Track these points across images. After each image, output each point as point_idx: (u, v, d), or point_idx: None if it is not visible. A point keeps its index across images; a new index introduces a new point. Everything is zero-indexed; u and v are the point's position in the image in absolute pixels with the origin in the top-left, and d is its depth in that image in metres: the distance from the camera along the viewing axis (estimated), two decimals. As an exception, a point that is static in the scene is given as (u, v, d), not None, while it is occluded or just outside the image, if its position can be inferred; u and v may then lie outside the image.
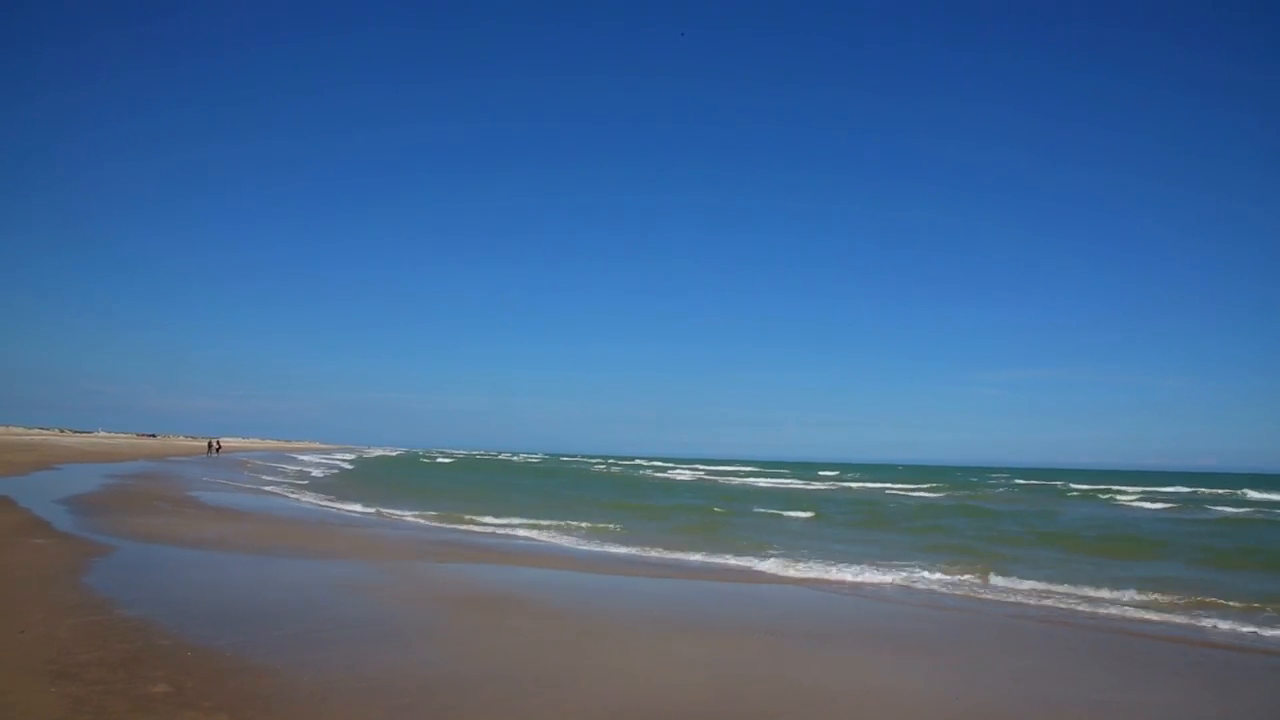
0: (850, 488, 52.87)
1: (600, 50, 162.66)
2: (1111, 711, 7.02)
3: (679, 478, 68.89)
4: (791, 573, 14.37)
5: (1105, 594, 12.74)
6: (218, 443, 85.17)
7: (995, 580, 13.93)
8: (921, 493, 49.78)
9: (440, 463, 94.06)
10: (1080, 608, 11.83)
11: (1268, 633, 10.33)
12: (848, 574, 14.16)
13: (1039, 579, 14.08)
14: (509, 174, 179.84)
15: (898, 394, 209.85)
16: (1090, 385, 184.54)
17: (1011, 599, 12.47)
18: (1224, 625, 10.73)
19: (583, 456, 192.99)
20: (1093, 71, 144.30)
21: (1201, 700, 7.58)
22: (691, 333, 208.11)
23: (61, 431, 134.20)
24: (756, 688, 7.18)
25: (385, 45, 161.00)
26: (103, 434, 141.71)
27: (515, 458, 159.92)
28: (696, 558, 16.22)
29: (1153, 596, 12.55)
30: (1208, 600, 12.43)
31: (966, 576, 14.23)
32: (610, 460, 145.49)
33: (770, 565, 15.10)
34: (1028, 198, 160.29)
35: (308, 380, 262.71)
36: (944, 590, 13.12)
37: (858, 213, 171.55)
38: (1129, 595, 12.56)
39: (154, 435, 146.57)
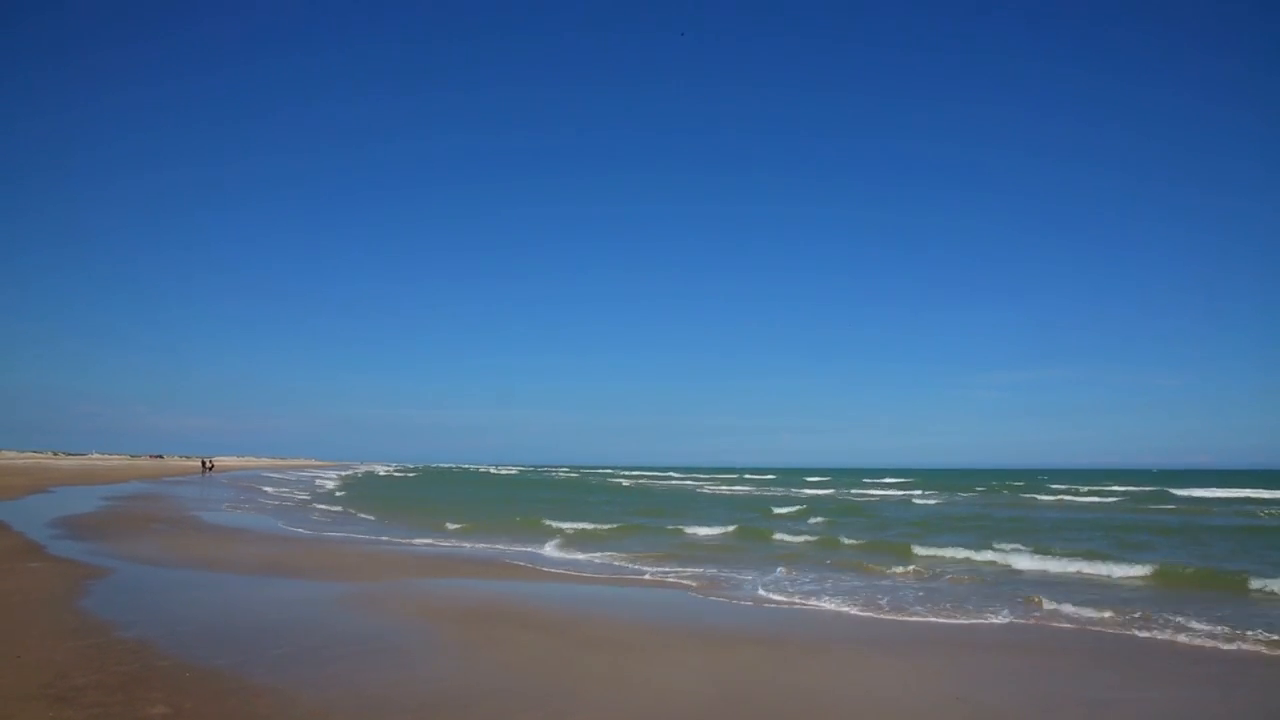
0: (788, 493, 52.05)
1: (598, 58, 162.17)
2: (1112, 711, 7.04)
3: (621, 483, 73.26)
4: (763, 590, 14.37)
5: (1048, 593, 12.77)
6: (210, 462, 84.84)
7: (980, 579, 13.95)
8: (900, 496, 49.70)
9: (397, 477, 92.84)
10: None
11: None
12: (821, 596, 14.14)
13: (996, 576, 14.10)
14: (506, 184, 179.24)
15: (897, 398, 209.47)
16: (1091, 385, 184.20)
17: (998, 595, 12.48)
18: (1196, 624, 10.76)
19: (565, 467, 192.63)
20: (1087, 69, 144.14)
21: (1202, 698, 7.60)
22: (692, 341, 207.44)
23: (55, 455, 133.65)
24: (757, 693, 7.19)
25: (383, 58, 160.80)
26: (97, 456, 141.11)
27: (494, 469, 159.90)
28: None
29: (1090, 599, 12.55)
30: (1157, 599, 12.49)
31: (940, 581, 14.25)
32: (586, 470, 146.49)
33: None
34: (1023, 197, 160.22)
35: (305, 397, 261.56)
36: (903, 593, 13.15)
37: (854, 215, 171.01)
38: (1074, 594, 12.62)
39: (161, 456, 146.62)
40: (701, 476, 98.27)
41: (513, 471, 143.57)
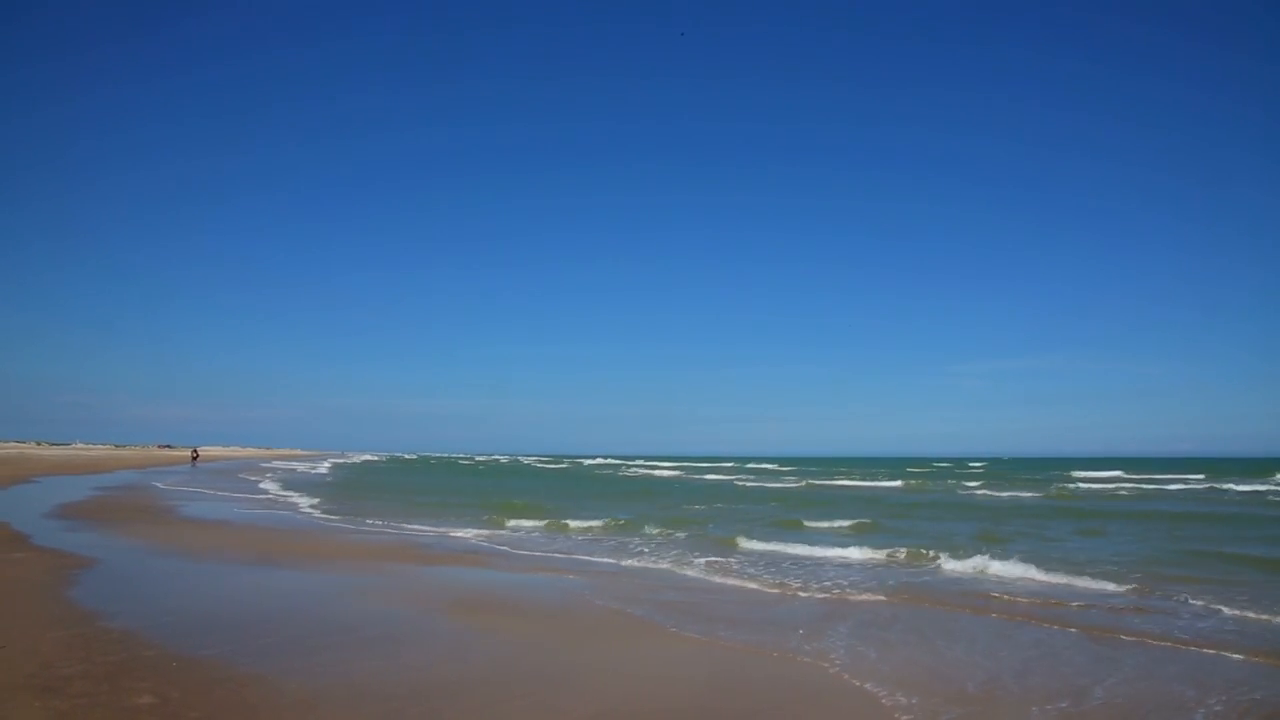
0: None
1: (593, 51, 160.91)
2: (1094, 697, 7.13)
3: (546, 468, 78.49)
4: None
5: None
6: (196, 452, 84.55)
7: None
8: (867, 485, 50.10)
9: (382, 466, 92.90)
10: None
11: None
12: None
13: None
14: (499, 177, 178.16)
15: (889, 387, 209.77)
16: (1076, 374, 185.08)
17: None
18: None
19: (548, 456, 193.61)
20: (1082, 60, 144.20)
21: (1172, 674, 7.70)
22: (684, 331, 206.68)
23: (39, 444, 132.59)
24: (745, 684, 7.25)
25: (377, 51, 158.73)
26: (80, 446, 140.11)
27: (474, 459, 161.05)
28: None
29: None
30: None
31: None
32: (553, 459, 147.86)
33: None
34: (1015, 188, 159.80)
35: (292, 387, 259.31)
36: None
37: (845, 206, 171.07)
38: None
39: (170, 446, 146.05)
40: (684, 465, 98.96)
41: (465, 459, 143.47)
